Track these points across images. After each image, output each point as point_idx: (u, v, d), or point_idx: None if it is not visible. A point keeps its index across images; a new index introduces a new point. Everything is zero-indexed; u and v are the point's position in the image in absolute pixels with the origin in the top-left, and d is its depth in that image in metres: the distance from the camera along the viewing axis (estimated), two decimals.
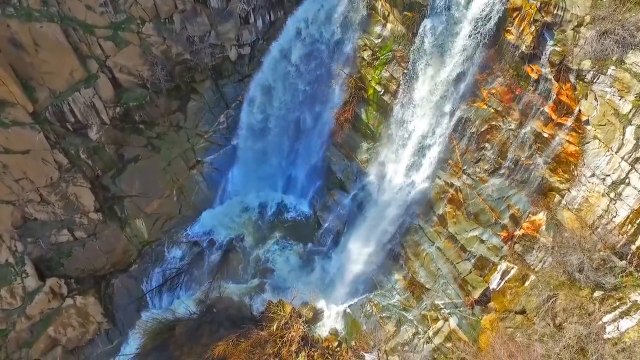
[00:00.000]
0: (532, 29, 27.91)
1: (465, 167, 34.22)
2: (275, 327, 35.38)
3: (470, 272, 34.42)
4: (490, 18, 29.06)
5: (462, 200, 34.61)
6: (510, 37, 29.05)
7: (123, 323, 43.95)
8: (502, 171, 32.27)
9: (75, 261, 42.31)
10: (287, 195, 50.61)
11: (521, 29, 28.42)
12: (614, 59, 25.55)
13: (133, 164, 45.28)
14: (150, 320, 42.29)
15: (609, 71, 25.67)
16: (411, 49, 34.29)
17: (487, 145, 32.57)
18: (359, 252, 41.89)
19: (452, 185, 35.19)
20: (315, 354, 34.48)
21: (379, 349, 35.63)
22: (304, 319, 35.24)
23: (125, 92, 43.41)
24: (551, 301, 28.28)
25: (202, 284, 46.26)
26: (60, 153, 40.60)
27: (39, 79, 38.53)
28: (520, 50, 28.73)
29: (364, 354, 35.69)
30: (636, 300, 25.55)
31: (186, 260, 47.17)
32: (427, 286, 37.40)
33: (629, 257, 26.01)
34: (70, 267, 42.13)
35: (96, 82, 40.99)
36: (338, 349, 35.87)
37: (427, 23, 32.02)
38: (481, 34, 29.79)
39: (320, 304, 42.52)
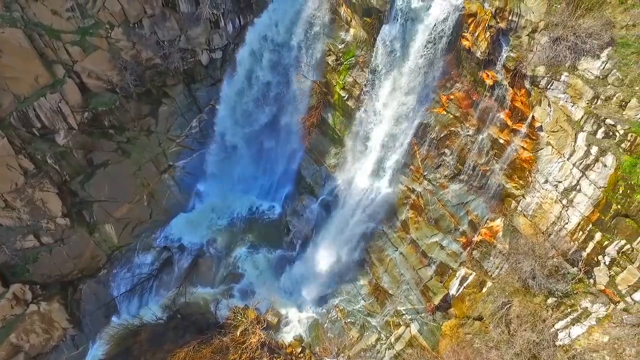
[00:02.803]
0: (487, 35, 27.91)
1: (426, 173, 34.14)
2: (238, 333, 35.11)
3: (432, 278, 34.33)
4: (447, 24, 29.07)
5: (423, 206, 34.52)
6: (466, 43, 29.04)
7: (90, 329, 43.41)
8: (461, 177, 32.24)
9: (42, 267, 41.70)
10: (258, 200, 50.28)
11: (476, 34, 28.40)
12: (567, 65, 25.70)
13: (102, 169, 44.66)
14: (117, 326, 41.98)
15: (563, 77, 25.83)
16: (372, 54, 34.25)
17: (446, 150, 32.53)
18: (326, 257, 41.66)
19: (413, 190, 35.11)
20: (278, 359, 34.22)
21: (341, 355, 35.39)
22: (264, 325, 34.93)
23: (93, 97, 42.90)
24: (506, 308, 28.34)
25: (170, 290, 45.96)
26: (26, 158, 39.99)
27: (3, 84, 37.93)
28: (475, 56, 28.73)
29: (327, 359, 35.43)
30: (586, 307, 25.64)
31: (156, 266, 46.69)
32: (390, 292, 37.28)
33: (580, 264, 26.02)
34: (36, 273, 41.51)
35: (62, 87, 40.36)
36: (301, 354, 35.60)
37: (385, 29, 31.97)
38: (438, 39, 29.81)
39: (286, 309, 42.29)
